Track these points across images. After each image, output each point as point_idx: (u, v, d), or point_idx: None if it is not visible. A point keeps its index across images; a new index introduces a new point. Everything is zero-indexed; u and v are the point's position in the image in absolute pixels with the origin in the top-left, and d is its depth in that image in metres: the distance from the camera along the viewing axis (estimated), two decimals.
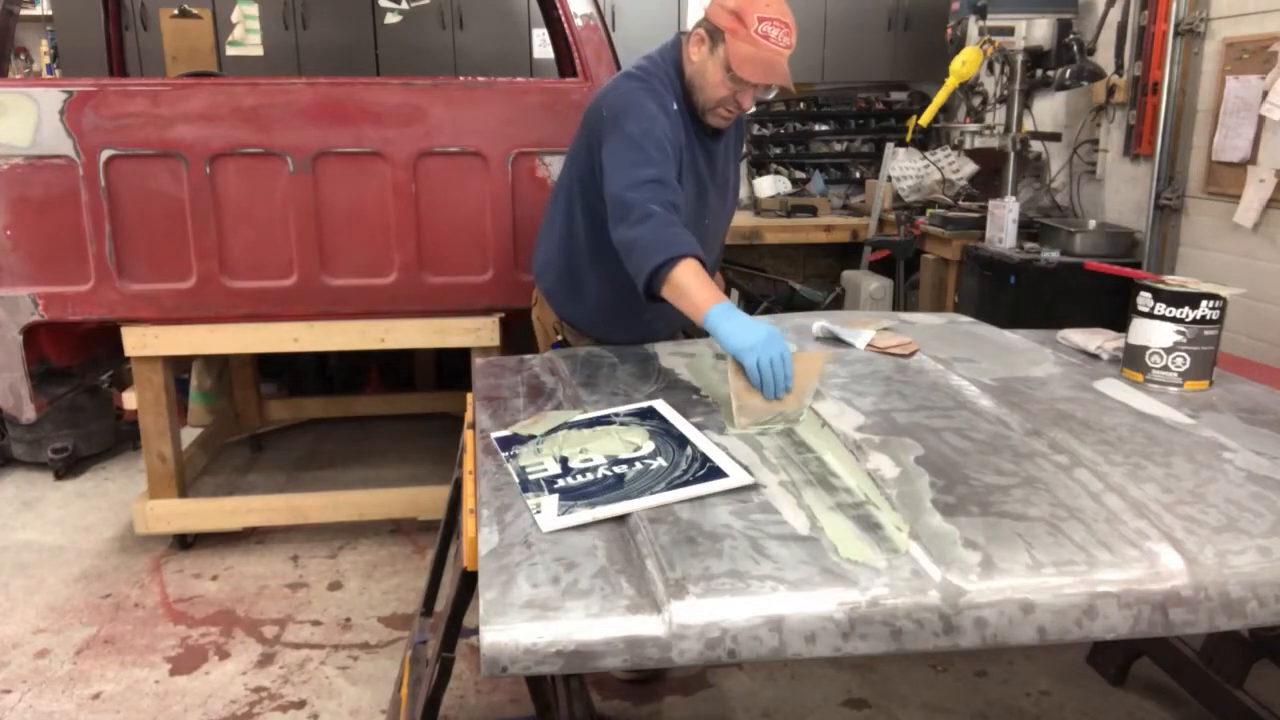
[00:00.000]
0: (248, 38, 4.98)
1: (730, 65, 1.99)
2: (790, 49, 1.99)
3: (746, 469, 1.43)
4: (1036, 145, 4.41)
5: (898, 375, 1.85)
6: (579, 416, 1.69)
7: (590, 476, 1.42)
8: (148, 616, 2.80)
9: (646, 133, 2.00)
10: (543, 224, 2.42)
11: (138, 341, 2.92)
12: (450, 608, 1.54)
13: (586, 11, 2.90)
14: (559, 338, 2.37)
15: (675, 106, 2.08)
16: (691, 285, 1.82)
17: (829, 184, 5.56)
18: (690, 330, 2.34)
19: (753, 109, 2.08)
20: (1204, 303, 1.77)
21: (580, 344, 2.31)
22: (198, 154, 2.79)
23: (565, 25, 2.90)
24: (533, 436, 1.61)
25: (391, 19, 5.02)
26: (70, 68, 4.97)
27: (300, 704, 2.40)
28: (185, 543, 3.22)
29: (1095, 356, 2.04)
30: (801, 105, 5.63)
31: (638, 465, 1.44)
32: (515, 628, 1.06)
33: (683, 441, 1.53)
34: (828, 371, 1.85)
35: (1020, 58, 3.93)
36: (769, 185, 5.25)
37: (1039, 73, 3.97)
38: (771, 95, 2.14)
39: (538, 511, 1.32)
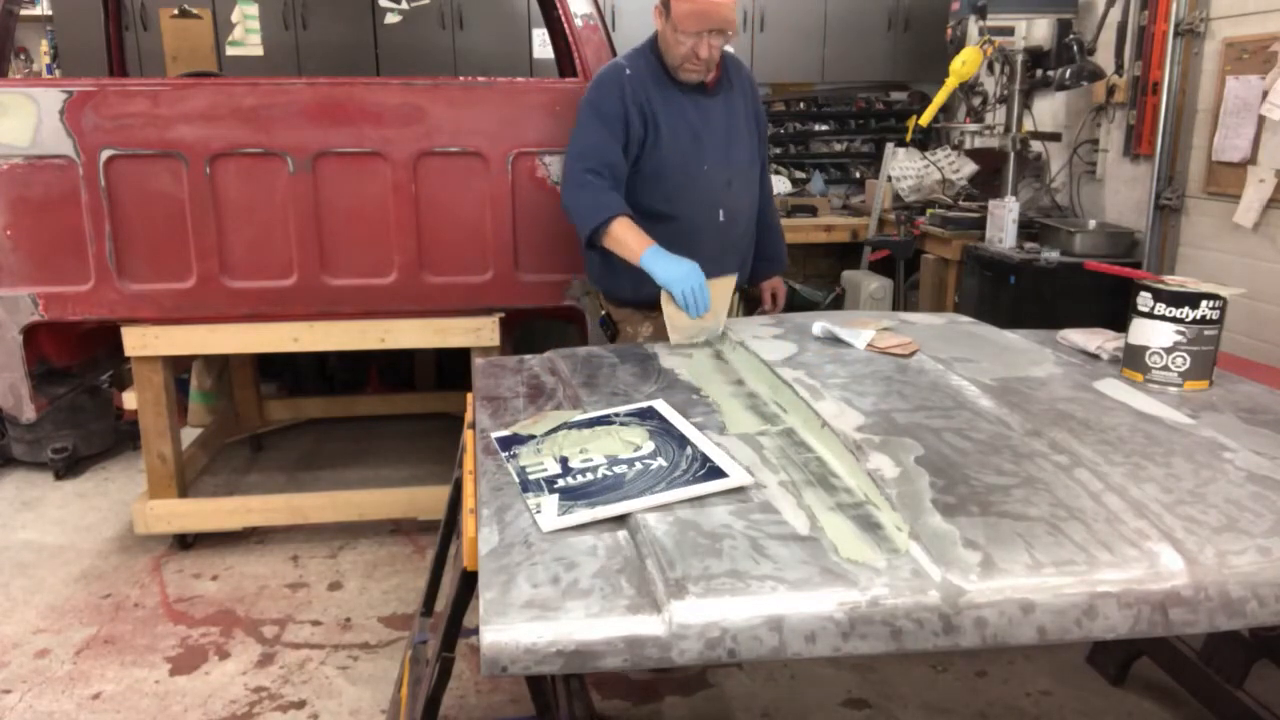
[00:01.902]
0: (248, 38, 4.98)
1: (677, 24, 2.31)
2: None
3: (746, 469, 1.43)
4: (1036, 145, 4.41)
5: (898, 375, 1.85)
6: (579, 416, 1.69)
7: (590, 476, 1.42)
8: (148, 616, 2.80)
9: (589, 103, 2.41)
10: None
11: (138, 341, 2.92)
12: (450, 608, 1.54)
13: (586, 11, 2.90)
14: (603, 312, 2.65)
15: (629, 71, 2.41)
16: (624, 238, 2.27)
17: (829, 184, 5.56)
18: None
19: (712, 57, 2.36)
20: (1204, 303, 1.77)
21: (620, 315, 2.60)
22: (198, 154, 2.79)
23: (565, 25, 2.90)
24: (533, 436, 1.61)
25: (391, 19, 5.02)
26: (70, 68, 4.97)
27: (300, 704, 2.40)
28: (185, 543, 3.22)
29: (1095, 356, 2.03)
30: (801, 105, 5.63)
31: (638, 465, 1.44)
32: (515, 628, 1.06)
33: (683, 441, 1.53)
34: (827, 371, 1.86)
35: (1020, 58, 3.93)
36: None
37: (1039, 73, 3.97)
38: (725, 42, 2.38)
39: (538, 511, 1.32)
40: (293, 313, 2.96)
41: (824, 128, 5.69)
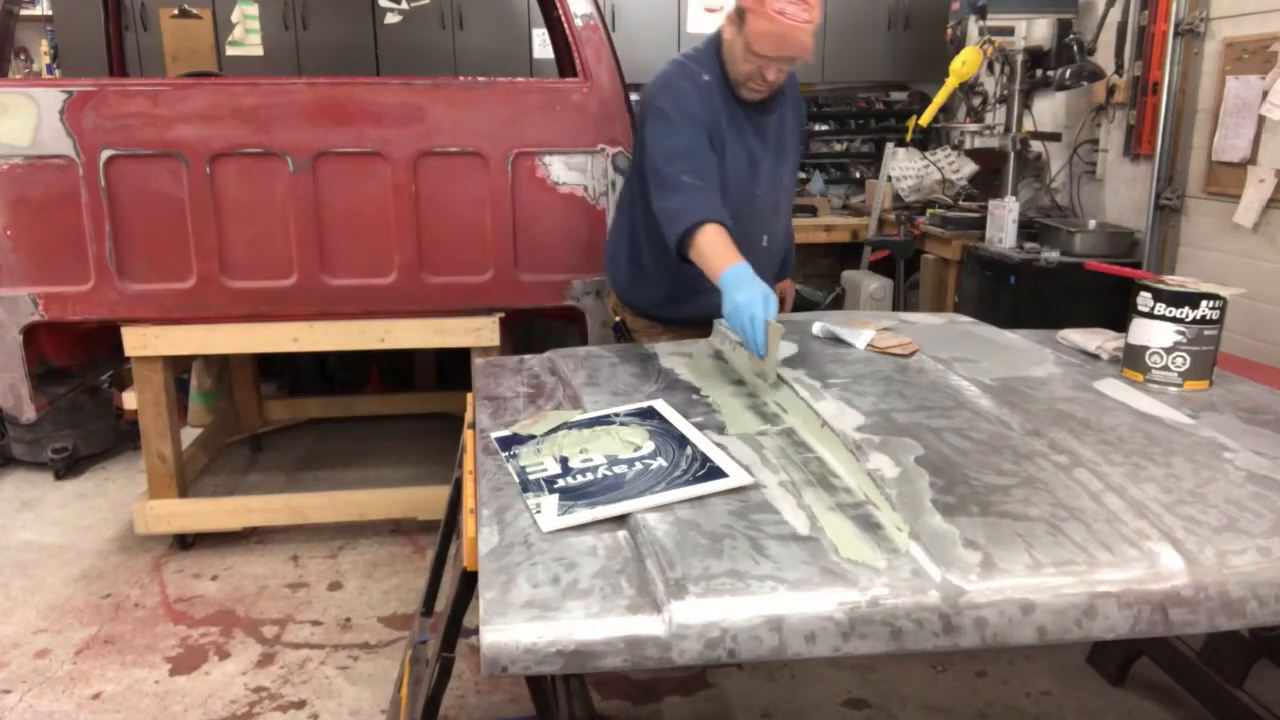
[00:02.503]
0: (248, 38, 4.98)
1: (750, 41, 2.11)
2: (810, 23, 2.07)
3: (746, 469, 1.43)
4: (1036, 145, 4.41)
5: (898, 375, 1.85)
6: (579, 416, 1.69)
7: (590, 476, 1.42)
8: (148, 616, 2.80)
9: (675, 105, 2.19)
10: (613, 217, 2.61)
11: (138, 341, 2.92)
12: (450, 608, 1.54)
13: (586, 11, 2.90)
14: (617, 319, 2.55)
15: (707, 78, 2.22)
16: (709, 249, 2.01)
17: (829, 184, 5.56)
18: None
19: (778, 81, 2.21)
20: (1204, 303, 1.77)
21: (637, 325, 2.49)
22: (198, 154, 2.79)
23: (565, 25, 2.90)
24: (533, 436, 1.61)
25: (391, 19, 5.02)
26: (70, 68, 4.97)
27: (300, 704, 2.40)
28: (185, 543, 3.22)
29: (1095, 356, 2.03)
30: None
31: (638, 465, 1.44)
32: (515, 628, 1.06)
33: (683, 441, 1.53)
34: (827, 371, 1.86)
35: (1020, 58, 3.93)
36: None
37: (1039, 73, 3.97)
38: (795, 67, 2.23)
39: (538, 511, 1.32)
40: (293, 313, 2.95)
41: (824, 128, 5.69)
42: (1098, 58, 3.87)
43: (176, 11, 4.82)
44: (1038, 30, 3.86)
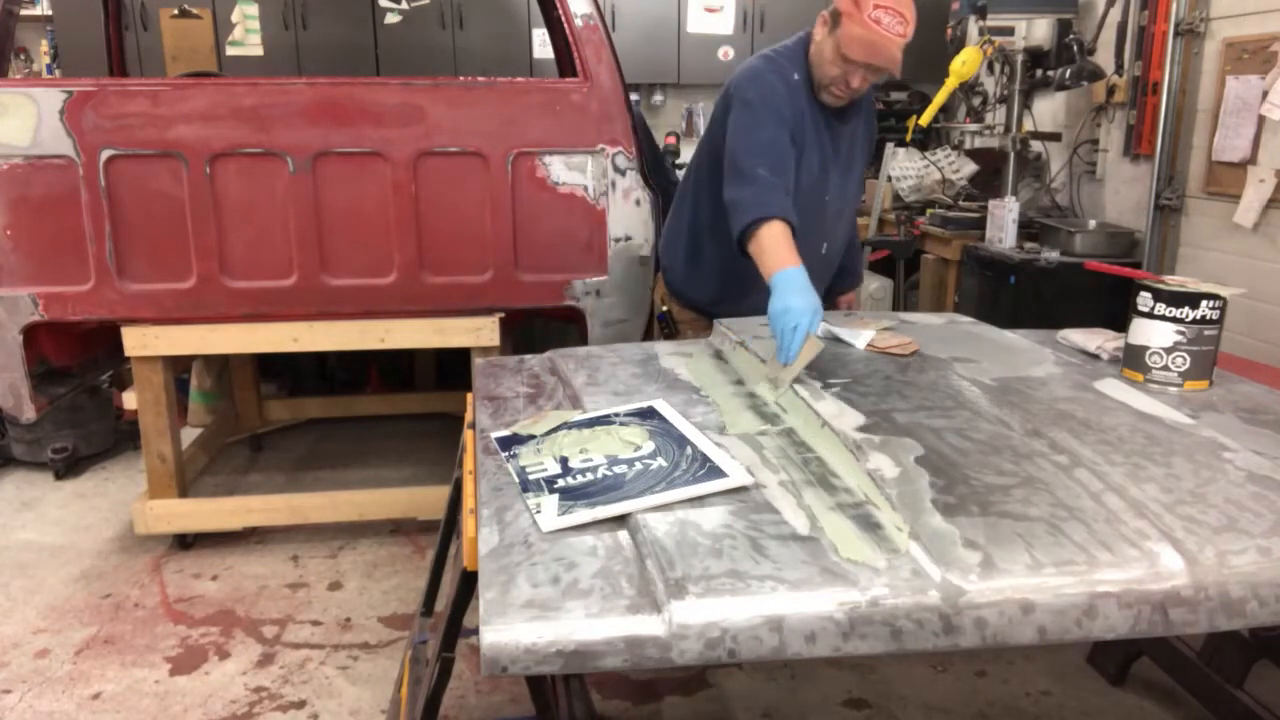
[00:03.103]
0: (248, 38, 4.98)
1: (840, 44, 2.13)
2: (903, 38, 2.10)
3: (746, 469, 1.43)
4: (1036, 145, 4.41)
5: (898, 375, 1.85)
6: (579, 416, 1.69)
7: (590, 476, 1.42)
8: (148, 616, 2.80)
9: (763, 98, 2.19)
10: (673, 205, 2.58)
11: (138, 341, 2.92)
12: (450, 608, 1.54)
13: (586, 11, 2.90)
14: (664, 308, 2.57)
15: (796, 77, 2.23)
16: (770, 246, 2.00)
17: None
18: None
19: (861, 89, 2.22)
20: (1204, 303, 1.77)
21: (684, 317, 2.51)
22: (198, 154, 2.79)
23: (565, 25, 2.90)
24: (533, 436, 1.61)
25: (391, 19, 5.02)
26: (70, 68, 4.97)
27: (300, 704, 2.40)
28: (185, 543, 3.22)
29: (1095, 356, 2.03)
30: None
31: (638, 465, 1.44)
32: (515, 628, 1.06)
33: (683, 441, 1.53)
34: (827, 371, 1.86)
35: (1020, 58, 3.93)
36: None
37: (1039, 73, 3.97)
38: (880, 79, 2.24)
39: (538, 511, 1.32)
40: (293, 313, 2.95)
41: None
42: (1098, 58, 3.87)
43: (176, 11, 4.83)
44: (1038, 30, 3.86)
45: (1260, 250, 3.23)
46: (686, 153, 4.07)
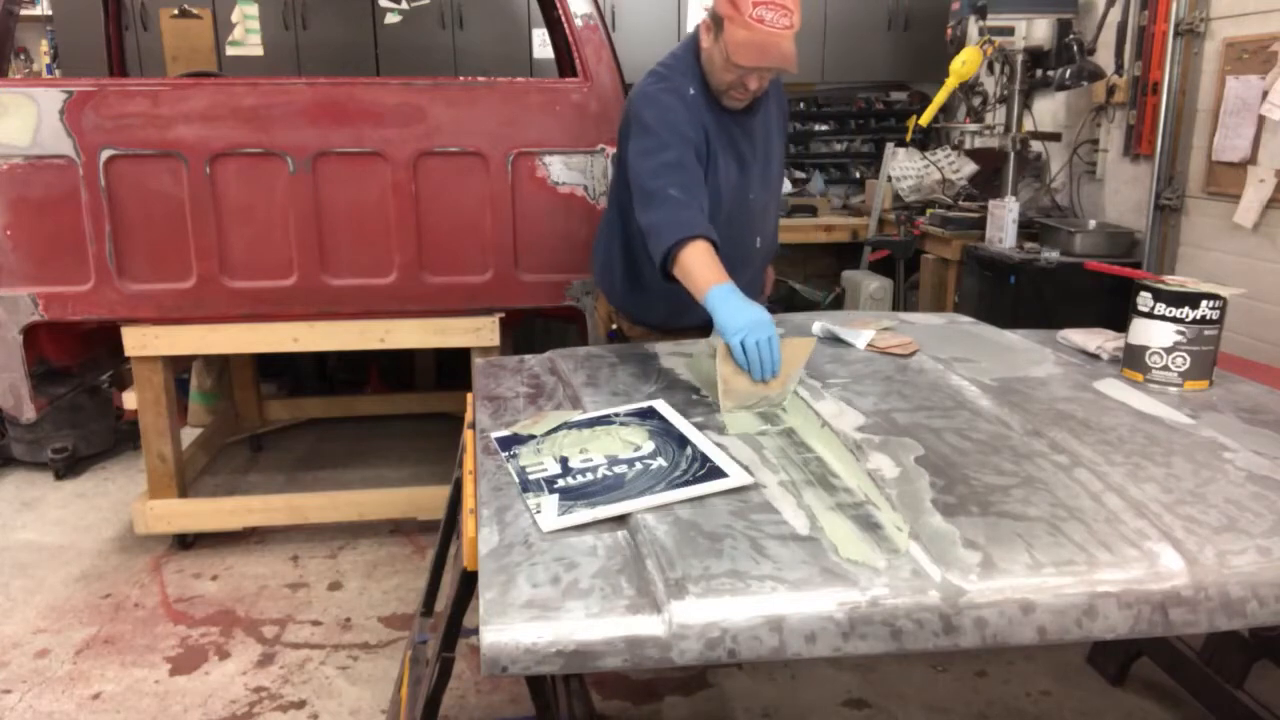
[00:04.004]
0: (248, 38, 4.98)
1: (729, 51, 2.02)
2: (791, 29, 1.99)
3: (746, 469, 1.43)
4: (1036, 145, 4.41)
5: (898, 375, 1.85)
6: (579, 416, 1.69)
7: (590, 476, 1.42)
8: (148, 616, 2.80)
9: (662, 120, 2.09)
10: (600, 226, 2.52)
11: (138, 341, 2.92)
12: (450, 608, 1.54)
13: (586, 11, 2.90)
14: (614, 326, 2.47)
15: (692, 91, 2.14)
16: (695, 266, 1.90)
17: (829, 184, 5.55)
18: None
19: (760, 90, 2.14)
20: (1204, 303, 1.77)
21: (634, 332, 2.43)
22: (198, 154, 2.79)
23: (565, 25, 2.90)
24: (533, 436, 1.61)
25: (391, 19, 5.02)
26: (70, 68, 4.97)
27: (300, 704, 2.40)
28: (185, 543, 3.22)
29: (1095, 356, 2.03)
30: (801, 105, 5.63)
31: (638, 465, 1.44)
32: (515, 628, 1.07)
33: (683, 441, 1.53)
34: (827, 371, 1.85)
35: (1020, 58, 3.93)
36: None
37: (1039, 73, 3.97)
38: (779, 75, 2.16)
39: (538, 511, 1.32)
40: (293, 313, 2.95)
41: (824, 128, 5.68)
42: (1098, 58, 3.87)
43: (176, 11, 4.82)
44: (1038, 30, 3.86)
45: (1260, 250, 3.23)
46: None
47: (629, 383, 1.90)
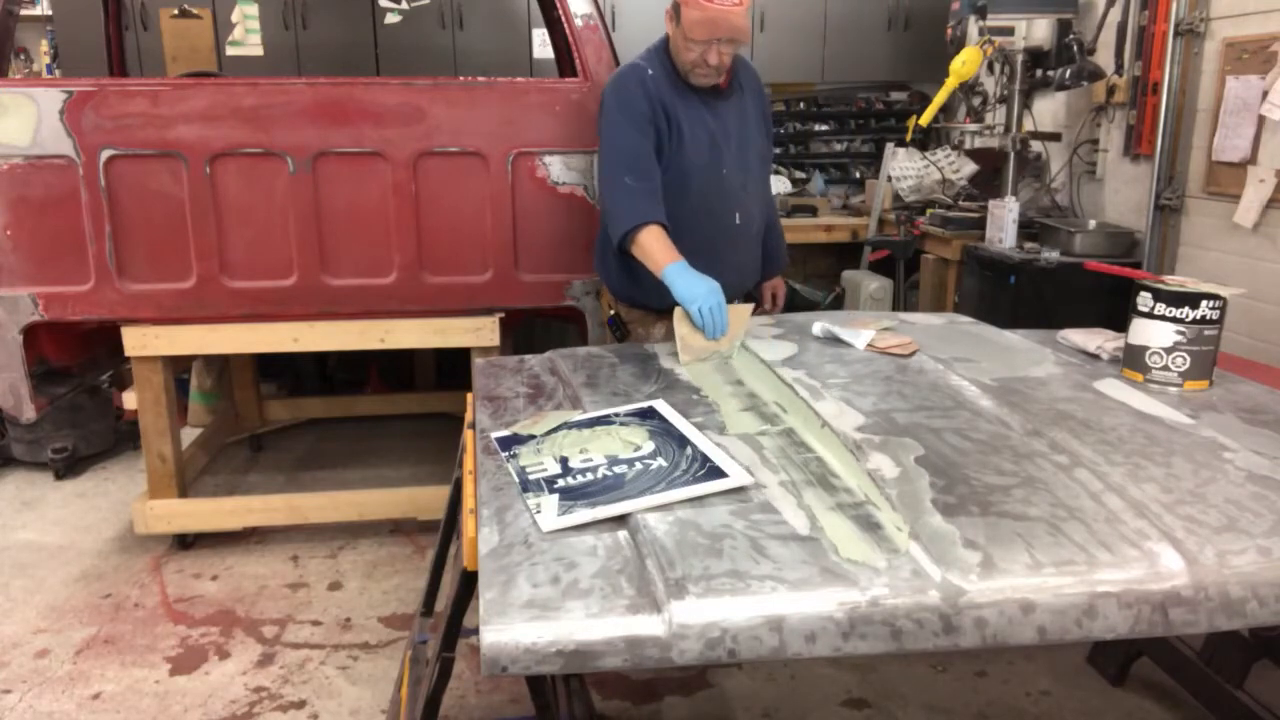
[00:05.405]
0: (248, 38, 4.98)
1: (685, 30, 2.28)
2: (740, 5, 2.23)
3: (747, 469, 1.43)
4: (1036, 145, 4.40)
5: (898, 375, 1.85)
6: (579, 416, 1.69)
7: (590, 476, 1.42)
8: (148, 616, 2.80)
9: (619, 103, 2.35)
10: (601, 216, 2.66)
11: (138, 341, 2.92)
12: (450, 608, 1.54)
13: (586, 11, 2.90)
14: (612, 312, 2.62)
15: (652, 72, 2.37)
16: (651, 247, 2.22)
17: (829, 184, 5.55)
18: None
19: (723, 64, 2.34)
20: (1204, 303, 1.77)
21: (631, 316, 2.57)
22: (198, 154, 2.79)
23: (565, 25, 2.90)
24: (533, 436, 1.61)
25: (391, 19, 5.02)
26: (70, 68, 4.97)
27: (300, 704, 2.40)
28: (185, 543, 3.22)
29: (1095, 356, 2.03)
30: (801, 105, 5.63)
31: (638, 465, 1.44)
32: (515, 627, 1.06)
33: (683, 441, 1.53)
34: (827, 371, 1.86)
35: (1020, 58, 3.93)
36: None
37: (1039, 73, 3.96)
38: (736, 49, 2.36)
39: (538, 511, 1.32)
40: (293, 313, 2.96)
41: (824, 128, 5.68)
42: (1098, 58, 3.87)
43: (176, 11, 4.82)
44: (1038, 30, 3.86)
45: (1260, 250, 3.23)
46: None
47: (629, 383, 1.90)
